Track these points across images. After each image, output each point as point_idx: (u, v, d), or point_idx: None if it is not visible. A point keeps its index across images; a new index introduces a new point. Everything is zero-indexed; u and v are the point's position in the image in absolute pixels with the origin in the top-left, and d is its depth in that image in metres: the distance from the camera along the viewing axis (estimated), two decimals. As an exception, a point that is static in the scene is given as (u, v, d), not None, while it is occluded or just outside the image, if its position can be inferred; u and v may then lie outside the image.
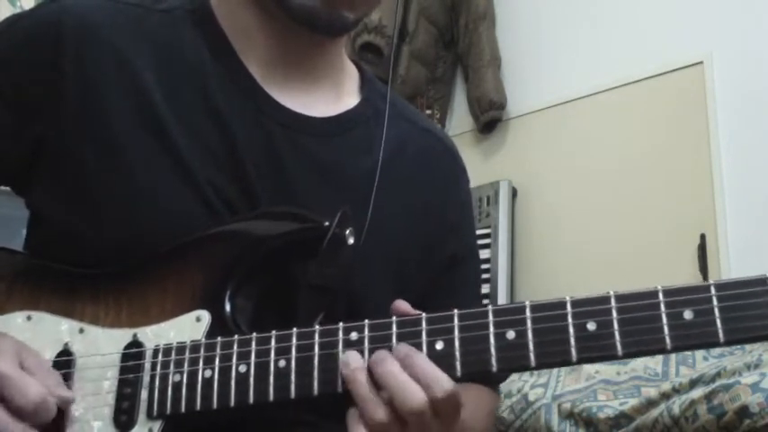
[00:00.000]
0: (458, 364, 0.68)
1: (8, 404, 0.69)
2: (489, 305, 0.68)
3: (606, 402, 1.59)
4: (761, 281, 0.63)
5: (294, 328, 0.72)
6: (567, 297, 0.67)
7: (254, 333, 0.73)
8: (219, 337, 0.74)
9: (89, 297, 0.80)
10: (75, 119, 0.82)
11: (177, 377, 0.73)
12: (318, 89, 0.92)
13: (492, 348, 0.67)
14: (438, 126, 2.10)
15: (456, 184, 1.01)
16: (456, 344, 0.68)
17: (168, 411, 0.73)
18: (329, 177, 0.87)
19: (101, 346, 0.77)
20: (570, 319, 0.66)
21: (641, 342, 0.64)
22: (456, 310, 0.69)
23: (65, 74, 0.82)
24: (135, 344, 0.76)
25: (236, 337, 0.73)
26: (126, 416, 0.74)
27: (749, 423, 1.28)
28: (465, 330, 0.68)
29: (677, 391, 1.47)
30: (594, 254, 2.54)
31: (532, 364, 0.66)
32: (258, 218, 0.81)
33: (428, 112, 2.99)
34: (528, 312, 0.67)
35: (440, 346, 0.68)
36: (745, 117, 2.32)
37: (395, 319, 0.70)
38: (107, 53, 0.83)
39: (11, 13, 0.94)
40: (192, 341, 0.75)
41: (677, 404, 1.42)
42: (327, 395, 0.70)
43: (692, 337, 0.63)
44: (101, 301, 0.80)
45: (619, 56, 2.65)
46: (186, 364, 0.74)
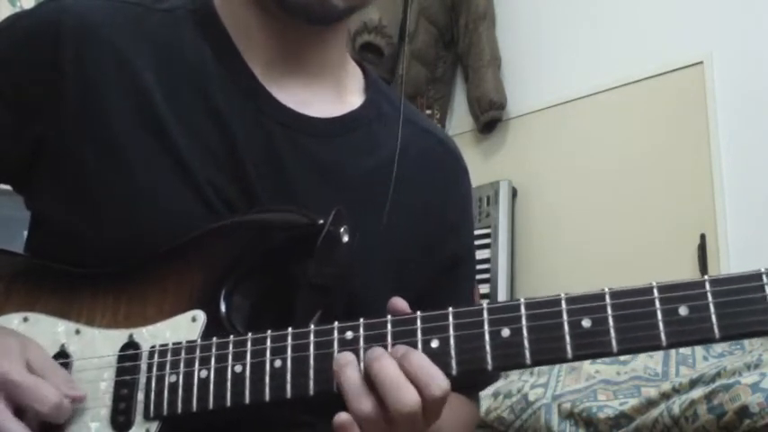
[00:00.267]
0: (453, 362, 0.67)
1: (25, 411, 0.70)
2: (484, 303, 0.68)
3: (606, 402, 1.59)
4: (756, 276, 0.63)
5: (290, 328, 0.72)
6: (562, 294, 0.67)
7: (249, 333, 0.73)
8: (215, 338, 0.74)
9: (86, 298, 0.80)
10: (75, 119, 0.82)
11: (173, 378, 0.73)
12: (320, 88, 0.91)
13: (487, 346, 0.67)
14: (439, 127, 2.10)
15: (457, 184, 1.01)
16: (451, 342, 0.68)
17: (165, 412, 0.73)
18: (329, 178, 0.87)
19: (97, 347, 0.77)
20: (565, 317, 0.66)
21: (636, 338, 0.64)
22: (451, 309, 0.69)
23: (64, 74, 0.82)
24: (131, 345, 0.76)
25: (231, 337, 0.73)
26: (123, 417, 0.74)
27: (749, 423, 1.28)
28: (460, 329, 0.68)
29: (677, 391, 1.47)
30: (594, 254, 2.54)
31: (528, 361, 0.66)
32: (253, 217, 0.81)
33: (428, 112, 2.99)
34: (523, 310, 0.67)
35: (435, 344, 0.68)
36: (745, 117, 2.31)
37: (390, 318, 0.70)
38: (107, 53, 0.83)
39: (11, 13, 0.93)
40: (188, 341, 0.74)
41: (677, 404, 1.42)
42: (324, 395, 0.70)
43: (687, 333, 0.63)
44: (98, 301, 0.80)
45: (619, 56, 2.65)
46: (182, 365, 0.73)
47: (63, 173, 0.83)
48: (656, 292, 0.65)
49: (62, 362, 0.77)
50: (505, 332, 0.67)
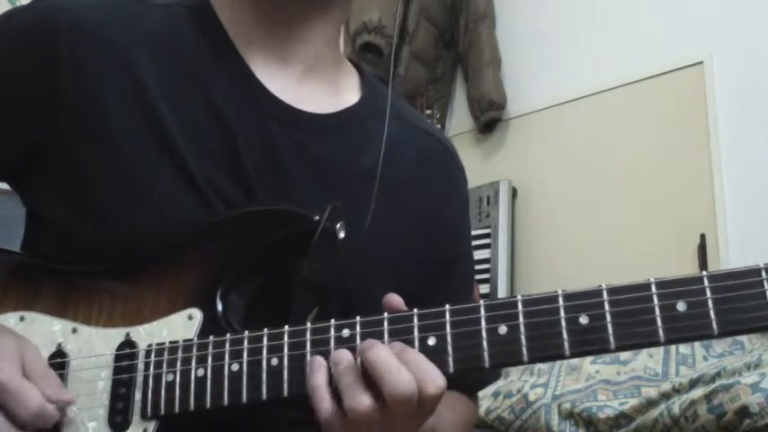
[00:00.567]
0: (450, 359, 0.67)
1: (9, 414, 0.69)
2: (481, 300, 0.68)
3: (606, 402, 1.59)
4: (755, 271, 0.62)
5: (286, 326, 0.72)
6: (559, 290, 0.66)
7: (246, 331, 0.73)
8: (212, 336, 0.73)
9: (83, 297, 0.80)
10: (72, 117, 0.81)
11: (170, 377, 0.73)
12: (316, 84, 0.91)
13: (484, 343, 0.66)
14: (437, 127, 2.10)
15: (455, 184, 1.00)
16: (448, 339, 0.67)
17: (162, 412, 0.73)
18: (326, 174, 0.87)
19: (94, 346, 0.77)
20: (562, 313, 0.65)
21: (634, 335, 0.64)
22: (448, 306, 0.69)
23: (61, 71, 0.81)
24: (128, 343, 0.76)
25: (228, 335, 0.73)
26: (120, 416, 0.74)
27: (749, 423, 1.28)
28: (457, 326, 0.68)
29: (677, 391, 1.47)
30: (594, 253, 2.54)
31: (525, 358, 0.65)
32: (248, 214, 0.80)
33: (428, 112, 2.99)
34: (520, 307, 0.67)
35: (432, 341, 0.68)
36: (745, 117, 2.32)
37: (386, 315, 0.70)
38: (104, 49, 0.82)
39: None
40: (185, 340, 0.74)
41: (677, 404, 1.42)
42: None
43: (685, 330, 0.63)
44: (94, 300, 0.79)
45: (619, 56, 2.65)
46: (179, 364, 0.73)
47: (60, 171, 0.82)
48: (653, 287, 0.64)
49: (59, 361, 0.77)
50: (503, 329, 0.66)
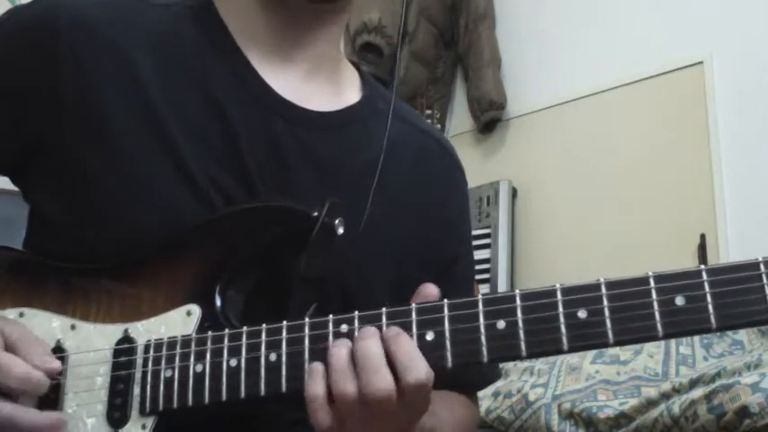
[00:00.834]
0: (448, 354, 0.67)
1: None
2: (479, 295, 0.68)
3: (606, 402, 1.59)
4: (753, 265, 0.62)
5: (284, 321, 0.71)
6: (558, 285, 0.66)
7: (244, 327, 0.73)
8: (210, 332, 0.73)
9: (82, 293, 0.80)
10: (72, 117, 0.81)
11: (168, 372, 0.73)
12: (318, 83, 0.91)
13: (482, 338, 0.66)
14: (436, 128, 2.10)
15: (454, 184, 1.01)
16: (446, 334, 0.67)
17: (161, 407, 0.73)
18: (327, 173, 0.87)
19: (93, 343, 0.77)
20: (561, 308, 0.65)
21: (633, 329, 0.64)
22: (446, 300, 0.69)
23: (61, 69, 0.81)
24: (126, 339, 0.76)
25: (226, 331, 0.73)
26: (119, 412, 0.74)
27: (749, 423, 1.27)
28: (455, 321, 0.68)
29: (677, 391, 1.47)
30: (594, 254, 2.54)
31: (523, 353, 0.65)
32: (246, 210, 0.80)
33: (428, 112, 2.99)
34: (518, 301, 0.66)
35: (430, 336, 0.68)
36: (745, 117, 2.32)
37: (384, 310, 0.70)
38: (105, 48, 0.82)
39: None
40: (183, 336, 0.74)
41: (677, 404, 1.42)
42: None
43: (683, 324, 0.62)
44: (93, 297, 0.79)
45: (619, 56, 2.65)
46: (177, 360, 0.73)
47: (60, 171, 0.82)
48: (652, 281, 0.64)
49: (58, 356, 0.77)
50: (501, 324, 0.66)
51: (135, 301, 0.78)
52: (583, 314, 0.65)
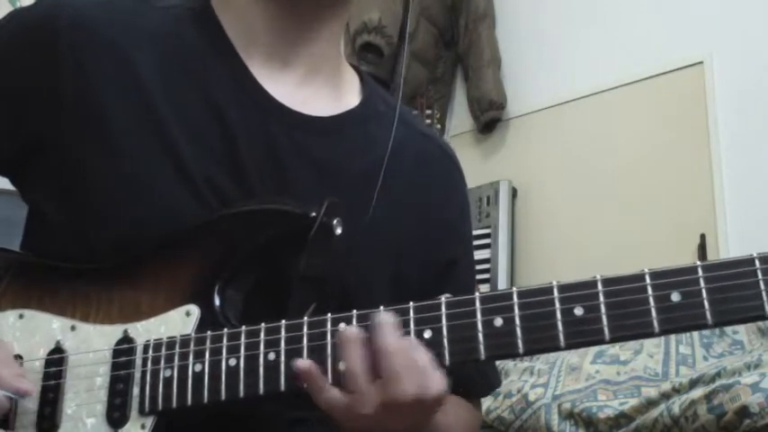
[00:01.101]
0: (446, 352, 0.67)
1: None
2: (477, 293, 0.68)
3: (606, 402, 1.59)
4: (748, 261, 0.63)
5: (283, 321, 0.72)
6: (554, 282, 0.67)
7: (243, 326, 0.73)
8: (209, 331, 0.74)
9: (81, 294, 0.80)
10: (72, 117, 0.81)
11: (168, 372, 0.73)
12: (317, 86, 0.91)
13: (480, 336, 0.67)
14: (435, 131, 2.10)
15: (454, 187, 1.01)
16: (444, 332, 0.68)
17: (160, 407, 0.73)
18: (326, 175, 0.87)
19: (92, 343, 0.77)
20: (557, 305, 0.65)
21: (629, 326, 0.64)
22: (443, 298, 0.69)
23: (62, 70, 0.82)
24: (125, 340, 0.76)
25: (225, 330, 0.73)
26: (118, 412, 0.74)
27: (749, 423, 1.27)
28: (452, 318, 0.68)
29: (677, 391, 1.47)
30: (594, 253, 2.54)
31: (521, 350, 0.65)
32: (242, 210, 0.81)
33: (428, 112, 2.99)
34: (515, 299, 0.67)
35: (428, 334, 0.68)
36: (745, 117, 2.32)
37: (382, 309, 0.70)
38: (105, 49, 0.83)
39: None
40: (182, 336, 0.74)
41: (677, 404, 1.42)
42: None
43: (680, 320, 0.63)
44: (93, 298, 0.80)
45: (619, 56, 2.65)
46: (176, 359, 0.73)
47: (60, 171, 0.82)
48: (648, 278, 0.64)
49: (58, 357, 0.77)
50: (498, 321, 0.67)
51: (134, 302, 0.78)
52: (579, 311, 0.65)
